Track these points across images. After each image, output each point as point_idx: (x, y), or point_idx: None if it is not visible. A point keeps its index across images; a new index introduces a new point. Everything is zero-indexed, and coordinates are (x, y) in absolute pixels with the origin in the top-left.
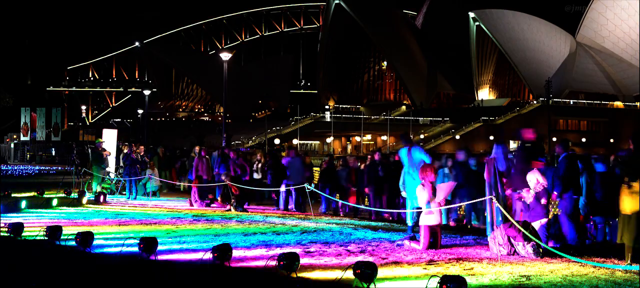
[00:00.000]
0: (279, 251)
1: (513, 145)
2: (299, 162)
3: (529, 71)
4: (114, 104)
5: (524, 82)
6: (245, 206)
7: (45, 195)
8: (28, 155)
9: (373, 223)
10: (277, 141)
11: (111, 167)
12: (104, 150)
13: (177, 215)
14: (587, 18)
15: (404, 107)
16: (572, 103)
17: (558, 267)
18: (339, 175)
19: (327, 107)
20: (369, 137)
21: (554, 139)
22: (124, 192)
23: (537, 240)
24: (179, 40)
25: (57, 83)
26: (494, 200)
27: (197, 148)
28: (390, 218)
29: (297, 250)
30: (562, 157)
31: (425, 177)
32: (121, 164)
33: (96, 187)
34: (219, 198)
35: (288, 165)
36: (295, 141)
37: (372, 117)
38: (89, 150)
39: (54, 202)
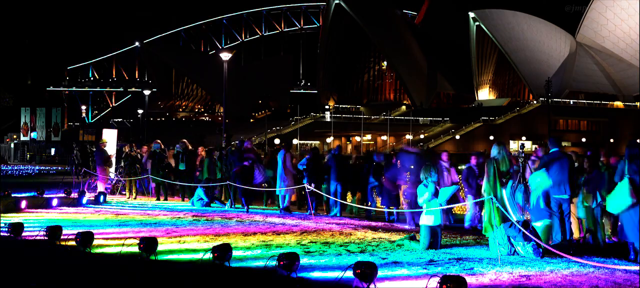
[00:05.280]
0: (279, 251)
1: (513, 145)
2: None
3: (529, 71)
4: (114, 104)
5: (524, 82)
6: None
7: (45, 195)
8: (28, 155)
9: (373, 223)
10: (277, 141)
11: (112, 168)
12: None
13: (177, 214)
14: (587, 18)
15: (404, 107)
16: (572, 103)
17: (558, 267)
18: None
19: (327, 107)
20: (369, 137)
21: None
22: (124, 192)
23: (537, 240)
24: (179, 40)
25: (57, 83)
26: (494, 200)
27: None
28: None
29: (297, 250)
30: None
31: (428, 177)
32: (121, 164)
33: (102, 187)
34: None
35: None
36: (295, 141)
37: (372, 117)
38: (93, 151)
39: (54, 202)
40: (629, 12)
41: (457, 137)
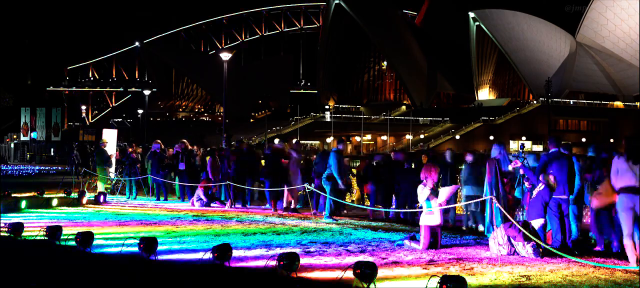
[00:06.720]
0: (279, 251)
1: (513, 145)
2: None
3: (529, 71)
4: (114, 104)
5: (524, 82)
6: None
7: (45, 195)
8: (28, 155)
9: (373, 223)
10: (277, 141)
11: (112, 167)
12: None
13: (177, 215)
14: (587, 18)
15: (404, 107)
16: (572, 103)
17: (558, 267)
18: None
19: (327, 107)
20: (369, 137)
21: None
22: (124, 192)
23: (537, 240)
24: (179, 40)
25: (57, 83)
26: (494, 200)
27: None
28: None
29: (297, 250)
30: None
31: (427, 177)
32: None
33: (102, 187)
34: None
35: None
36: (295, 141)
37: (372, 117)
38: (93, 150)
39: (54, 202)
40: (629, 12)
41: (457, 137)
